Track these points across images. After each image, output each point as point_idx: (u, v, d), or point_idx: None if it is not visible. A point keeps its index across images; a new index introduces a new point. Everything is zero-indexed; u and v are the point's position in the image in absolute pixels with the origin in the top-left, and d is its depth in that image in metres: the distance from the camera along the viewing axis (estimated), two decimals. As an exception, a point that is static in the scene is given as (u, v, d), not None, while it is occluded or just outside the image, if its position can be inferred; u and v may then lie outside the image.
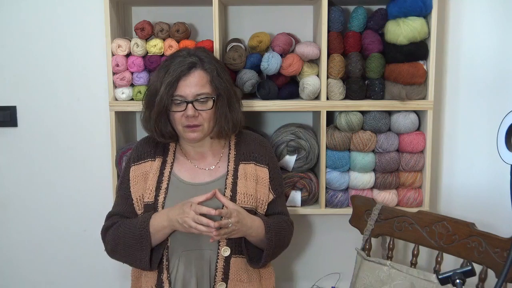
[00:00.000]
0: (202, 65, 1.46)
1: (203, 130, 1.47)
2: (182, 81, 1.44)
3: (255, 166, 1.55)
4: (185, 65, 1.44)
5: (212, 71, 1.46)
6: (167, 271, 1.46)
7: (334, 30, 1.76)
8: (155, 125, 1.48)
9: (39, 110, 1.99)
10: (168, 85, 1.43)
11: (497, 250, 1.42)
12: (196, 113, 1.44)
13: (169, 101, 1.44)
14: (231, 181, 1.50)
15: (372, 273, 1.58)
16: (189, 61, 1.45)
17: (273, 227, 1.49)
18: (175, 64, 1.45)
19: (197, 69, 1.45)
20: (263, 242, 1.48)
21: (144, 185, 1.51)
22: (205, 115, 1.46)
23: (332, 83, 1.76)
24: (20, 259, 2.08)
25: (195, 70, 1.45)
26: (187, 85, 1.44)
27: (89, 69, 1.95)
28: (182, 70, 1.43)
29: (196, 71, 1.45)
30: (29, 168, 2.03)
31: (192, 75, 1.44)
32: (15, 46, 1.96)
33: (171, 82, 1.43)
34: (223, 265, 1.46)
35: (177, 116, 1.46)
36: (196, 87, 1.44)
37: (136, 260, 1.46)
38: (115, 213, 1.55)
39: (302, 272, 2.09)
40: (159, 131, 1.49)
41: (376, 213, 1.65)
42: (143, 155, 1.56)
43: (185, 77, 1.44)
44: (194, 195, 1.45)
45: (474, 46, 1.90)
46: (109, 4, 1.73)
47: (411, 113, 1.79)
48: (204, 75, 1.46)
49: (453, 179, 1.98)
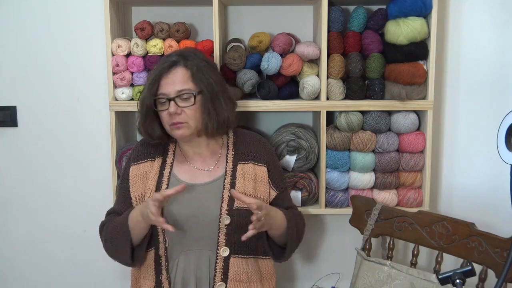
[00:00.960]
0: (183, 62, 1.47)
1: (189, 127, 1.47)
2: (164, 79, 1.45)
3: (254, 165, 1.55)
4: (166, 64, 1.46)
5: (193, 67, 1.46)
6: (167, 271, 1.46)
7: (334, 30, 1.76)
8: (143, 128, 1.51)
9: (39, 110, 1.99)
10: (150, 85, 1.46)
11: (497, 250, 1.42)
12: (178, 110, 1.44)
13: (152, 101, 1.46)
14: (229, 181, 1.50)
15: (372, 273, 1.58)
16: (170, 60, 1.47)
17: (292, 218, 1.53)
18: (158, 65, 1.49)
19: (178, 67, 1.46)
20: (283, 234, 1.50)
21: (143, 184, 1.51)
22: (189, 112, 1.45)
23: (332, 83, 1.76)
24: (20, 259, 2.08)
25: (175, 68, 1.46)
26: (168, 82, 1.45)
27: (89, 69, 1.95)
28: (163, 68, 1.46)
29: (177, 68, 1.46)
30: (29, 168, 2.03)
31: (172, 73, 1.46)
32: (15, 46, 1.96)
33: (153, 81, 1.45)
34: (222, 266, 1.46)
35: (163, 115, 1.47)
36: (177, 84, 1.44)
37: (121, 255, 1.48)
38: (114, 211, 1.57)
39: (302, 272, 2.09)
40: (147, 133, 1.51)
41: (376, 213, 1.65)
42: (143, 155, 1.56)
43: (166, 75, 1.45)
44: (193, 196, 1.46)
45: (474, 46, 1.90)
46: (109, 4, 1.73)
47: (411, 113, 1.79)
48: (185, 72, 1.46)
49: (453, 179, 1.98)
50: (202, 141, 1.54)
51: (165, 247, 1.47)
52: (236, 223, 1.45)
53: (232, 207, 1.46)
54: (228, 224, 1.44)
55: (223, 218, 1.44)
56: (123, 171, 1.59)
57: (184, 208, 1.46)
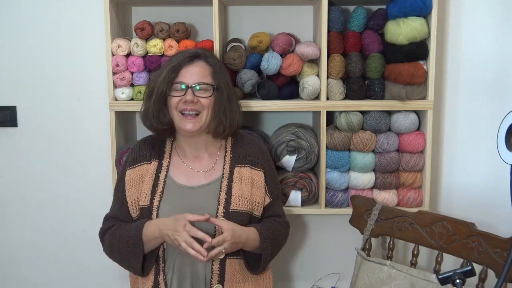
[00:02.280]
0: (205, 58, 1.48)
1: (201, 120, 1.46)
2: (184, 69, 1.45)
3: (251, 169, 1.54)
4: (189, 55, 1.46)
5: (215, 64, 1.49)
6: (163, 273, 1.46)
7: (334, 30, 1.76)
8: (154, 112, 1.47)
9: (39, 110, 1.99)
10: (170, 71, 1.44)
11: (497, 250, 1.42)
12: (195, 99, 1.43)
13: (169, 86, 1.44)
14: (226, 184, 1.49)
15: (372, 273, 1.58)
16: (193, 52, 1.47)
17: (268, 236, 1.48)
18: (178, 55, 1.49)
19: (200, 60, 1.47)
20: (259, 250, 1.48)
21: (139, 188, 1.50)
22: (204, 102, 1.45)
23: (332, 83, 1.76)
24: (20, 259, 2.08)
25: (198, 61, 1.47)
26: (189, 73, 1.45)
27: (89, 69, 1.95)
28: (185, 58, 1.46)
29: (199, 61, 1.47)
30: (29, 168, 2.02)
31: (194, 65, 1.46)
32: (15, 46, 1.96)
33: (173, 68, 1.44)
34: (218, 267, 1.45)
35: (175, 100, 1.45)
36: (198, 76, 1.45)
37: (130, 266, 1.47)
38: (112, 216, 1.55)
39: (302, 272, 2.09)
40: (158, 118, 1.48)
41: (376, 213, 1.65)
42: (138, 158, 1.55)
43: (187, 65, 1.45)
44: (189, 198, 1.45)
45: (474, 46, 1.90)
46: (109, 4, 1.73)
47: (411, 113, 1.79)
48: (207, 67, 1.48)
49: (453, 179, 1.98)
50: (202, 141, 1.54)
51: (163, 249, 1.47)
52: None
53: (228, 210, 1.45)
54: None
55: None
56: (119, 175, 1.58)
57: (180, 210, 1.44)
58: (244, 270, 1.51)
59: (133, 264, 1.45)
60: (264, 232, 1.48)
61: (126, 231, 1.45)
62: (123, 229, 1.47)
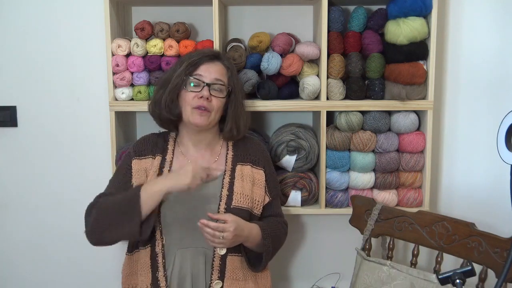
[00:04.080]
0: (222, 60, 1.55)
1: (209, 117, 1.49)
2: (204, 65, 1.50)
3: (252, 168, 1.56)
4: (210, 53, 1.53)
5: (232, 67, 1.56)
6: (163, 268, 1.46)
7: (334, 30, 1.76)
8: (165, 104, 1.49)
9: (39, 110, 1.99)
10: (190, 64, 1.49)
11: (497, 250, 1.42)
12: (210, 97, 1.47)
13: (187, 79, 1.48)
14: (228, 180, 1.51)
15: (372, 273, 1.58)
16: (213, 51, 1.55)
17: (270, 233, 1.51)
18: (197, 52, 1.54)
19: (220, 61, 1.54)
20: (260, 247, 1.49)
21: (144, 180, 1.50)
22: (216, 103, 1.49)
23: (332, 83, 1.76)
24: (20, 259, 2.08)
25: (218, 61, 1.53)
26: (208, 69, 1.50)
27: (89, 69, 1.95)
28: (205, 56, 1.51)
29: (219, 62, 1.53)
30: (29, 168, 2.03)
31: (214, 63, 1.52)
32: (15, 46, 1.96)
33: (193, 62, 1.49)
34: (219, 264, 1.47)
35: (189, 96, 1.48)
36: (216, 73, 1.50)
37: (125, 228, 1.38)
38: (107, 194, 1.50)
39: (302, 272, 2.09)
40: (169, 111, 1.49)
41: (376, 213, 1.65)
42: (144, 151, 1.56)
43: (208, 62, 1.51)
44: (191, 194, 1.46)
45: (474, 46, 1.90)
46: (109, 4, 1.73)
47: (411, 113, 1.79)
48: (224, 68, 1.53)
49: (453, 179, 1.98)
50: (205, 139, 1.55)
51: (162, 244, 1.47)
52: None
53: (230, 206, 1.47)
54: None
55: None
56: (122, 162, 1.56)
57: (182, 206, 1.46)
58: (245, 268, 1.52)
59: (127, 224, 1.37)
60: (266, 229, 1.50)
61: (121, 195, 1.43)
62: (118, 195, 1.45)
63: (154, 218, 1.44)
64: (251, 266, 1.52)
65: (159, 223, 1.47)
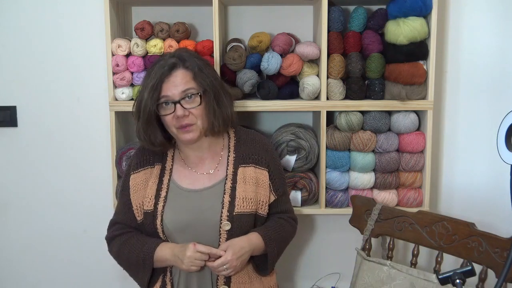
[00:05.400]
0: (183, 63, 1.43)
1: (197, 128, 1.44)
2: (165, 83, 1.41)
3: (255, 168, 1.51)
4: (166, 67, 1.42)
5: (194, 67, 1.44)
6: (170, 273, 1.47)
7: (334, 30, 1.76)
8: (145, 135, 1.46)
9: (39, 110, 1.99)
10: (152, 89, 1.40)
11: (497, 250, 1.42)
12: (186, 112, 1.41)
13: (155, 106, 1.41)
14: (229, 186, 1.48)
15: (372, 273, 1.58)
16: (169, 63, 1.42)
17: (273, 237, 1.48)
18: (156, 68, 1.43)
19: (178, 69, 1.43)
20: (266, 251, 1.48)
21: (143, 192, 1.49)
22: (196, 112, 1.43)
23: (332, 83, 1.76)
24: (20, 259, 2.08)
25: (176, 70, 1.43)
26: (171, 85, 1.41)
27: (89, 69, 1.95)
28: (163, 72, 1.41)
29: (178, 70, 1.43)
30: (29, 168, 2.03)
31: (174, 75, 1.42)
32: (15, 46, 1.96)
33: (154, 86, 1.40)
34: None
35: (168, 119, 1.43)
36: (180, 85, 1.41)
37: (137, 278, 1.50)
38: (118, 222, 1.54)
39: (302, 272, 2.09)
40: (149, 140, 1.47)
41: (376, 213, 1.65)
42: (142, 162, 1.54)
43: (167, 78, 1.41)
44: (193, 202, 1.45)
45: (474, 46, 1.90)
46: (109, 4, 1.73)
47: (411, 113, 1.79)
48: (187, 73, 1.43)
49: (453, 179, 1.98)
50: (205, 142, 1.51)
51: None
52: (236, 229, 1.43)
53: (232, 213, 1.44)
54: (228, 230, 1.43)
55: (224, 224, 1.42)
56: (123, 179, 1.56)
57: (184, 214, 1.44)
58: (250, 271, 1.50)
59: (140, 277, 1.48)
60: (267, 236, 1.47)
61: (138, 247, 1.46)
62: (134, 245, 1.47)
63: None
64: (259, 271, 1.51)
65: (163, 233, 1.46)
